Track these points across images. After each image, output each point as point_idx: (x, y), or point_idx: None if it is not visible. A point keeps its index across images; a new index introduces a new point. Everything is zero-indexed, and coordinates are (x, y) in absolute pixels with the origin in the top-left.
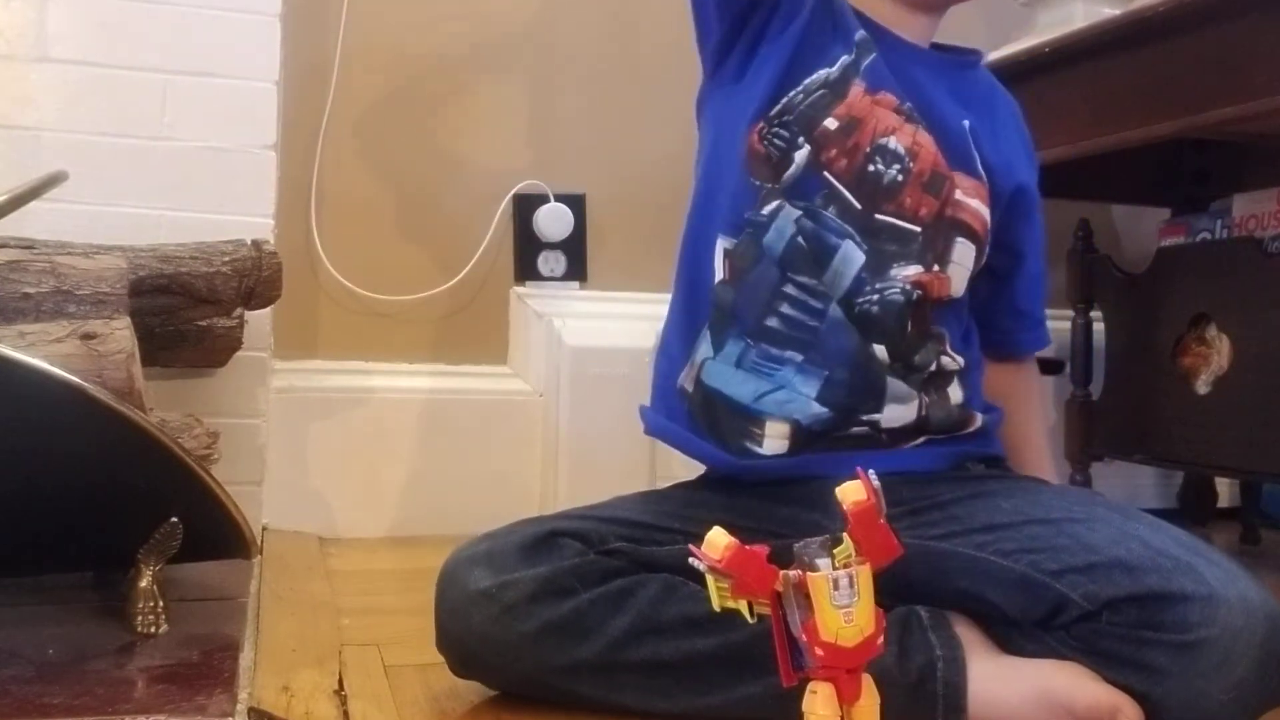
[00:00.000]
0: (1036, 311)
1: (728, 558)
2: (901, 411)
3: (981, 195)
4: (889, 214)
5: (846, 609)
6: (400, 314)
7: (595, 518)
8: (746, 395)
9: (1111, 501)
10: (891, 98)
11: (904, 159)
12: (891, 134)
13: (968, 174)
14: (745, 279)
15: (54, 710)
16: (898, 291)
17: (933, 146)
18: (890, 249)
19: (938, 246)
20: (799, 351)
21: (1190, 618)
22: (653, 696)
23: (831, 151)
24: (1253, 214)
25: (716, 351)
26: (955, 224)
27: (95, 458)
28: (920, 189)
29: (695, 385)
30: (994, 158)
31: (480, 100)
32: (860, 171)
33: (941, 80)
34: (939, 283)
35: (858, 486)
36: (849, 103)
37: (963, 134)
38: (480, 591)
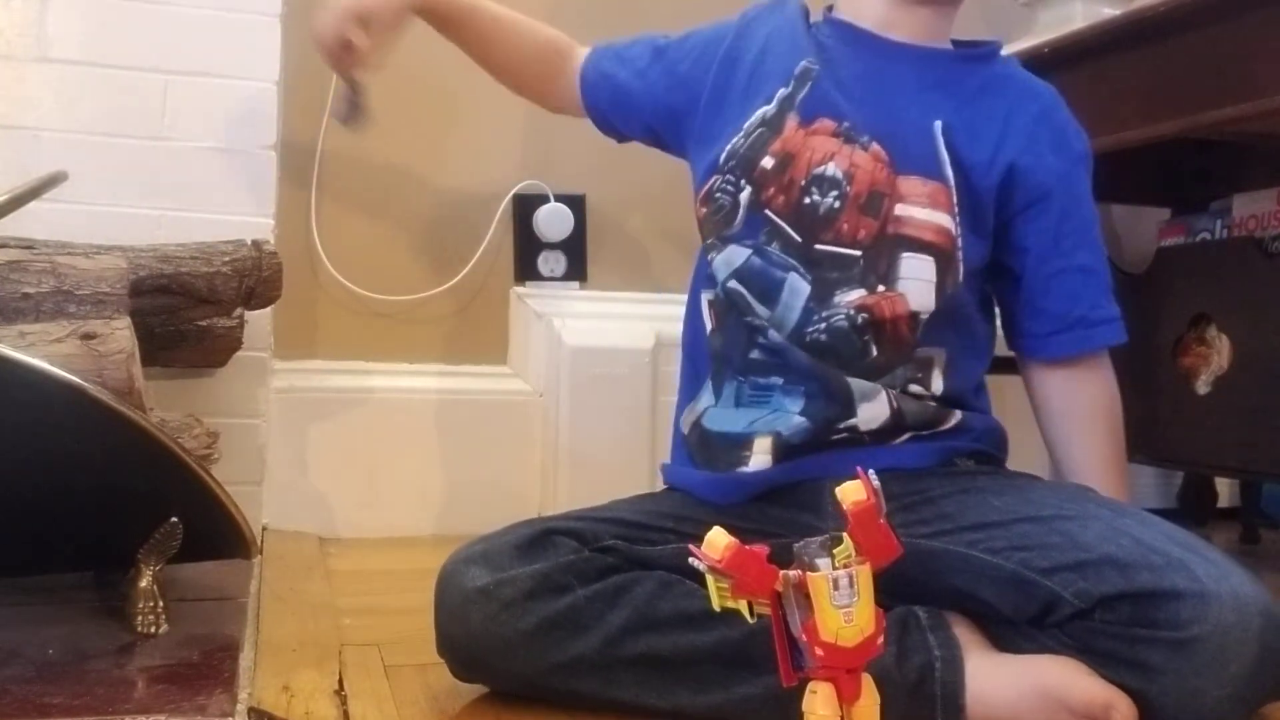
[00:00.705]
0: (1073, 310)
1: (728, 558)
2: (874, 409)
3: (940, 201)
4: (827, 242)
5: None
6: (400, 314)
7: (590, 518)
8: (740, 425)
9: (1103, 498)
10: (829, 123)
11: (841, 183)
12: (829, 160)
13: (927, 177)
14: (725, 324)
15: (54, 710)
16: (842, 318)
17: (871, 163)
18: (832, 276)
19: (880, 267)
20: (779, 375)
21: (1183, 615)
22: (650, 693)
23: (770, 190)
24: (1253, 214)
25: (718, 398)
26: (899, 240)
27: (95, 458)
28: (857, 211)
29: (693, 428)
30: (975, 155)
31: (480, 100)
32: (798, 205)
33: (922, 76)
34: (888, 303)
35: (858, 486)
36: (784, 138)
37: (926, 134)
38: (478, 590)
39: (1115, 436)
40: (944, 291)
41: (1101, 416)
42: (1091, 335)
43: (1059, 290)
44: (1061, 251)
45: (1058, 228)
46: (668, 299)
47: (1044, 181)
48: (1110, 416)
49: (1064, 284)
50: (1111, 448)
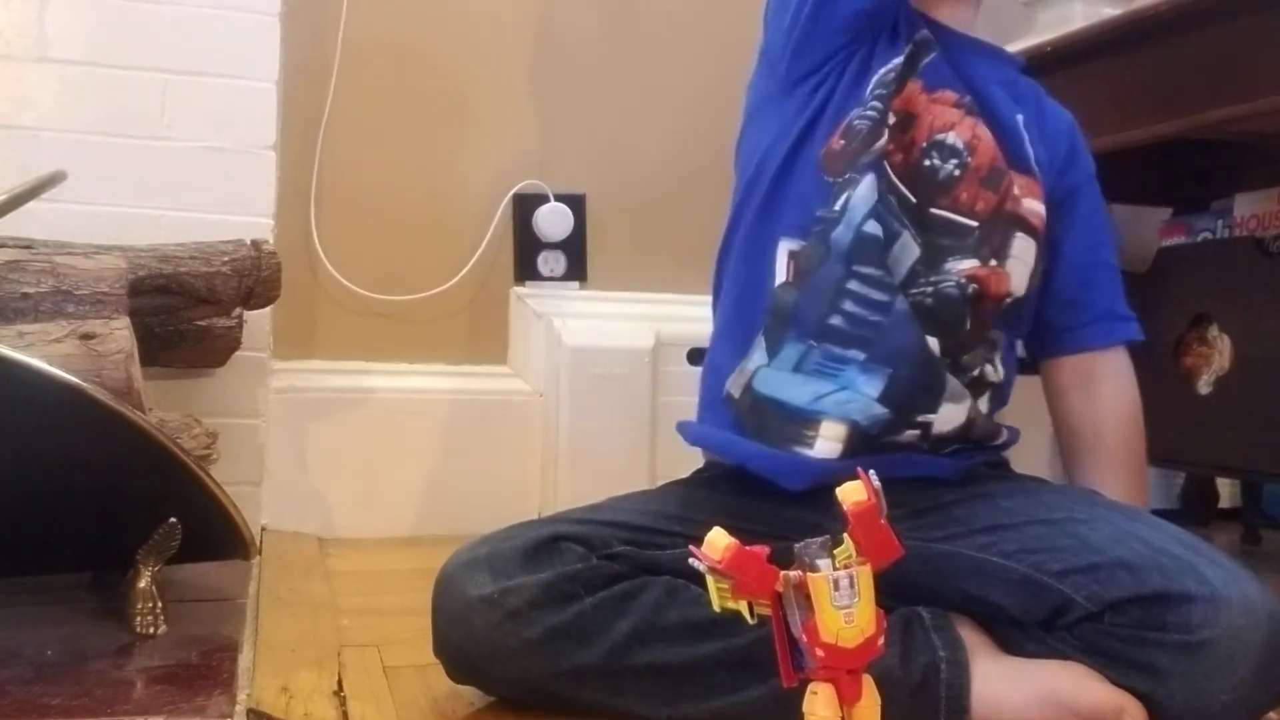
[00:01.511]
0: (1100, 302)
1: (728, 558)
2: (954, 412)
3: (1035, 192)
4: (944, 208)
5: (847, 610)
6: (400, 314)
7: (596, 521)
8: (804, 398)
9: (1111, 501)
10: (950, 94)
11: (962, 153)
12: (950, 129)
13: (1022, 171)
14: (810, 279)
15: (53, 711)
16: (953, 285)
17: (991, 141)
18: (945, 243)
19: (995, 241)
20: (861, 350)
21: (1194, 618)
22: (655, 701)
23: (890, 144)
24: (1254, 214)
25: (772, 357)
26: (1014, 219)
27: (94, 458)
28: (978, 184)
29: (744, 391)
30: (1041, 154)
31: (480, 100)
32: (916, 166)
33: (996, 74)
34: (996, 278)
35: (858, 487)
36: (906, 97)
37: (1017, 129)
38: (481, 597)
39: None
40: (1034, 277)
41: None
42: (1117, 328)
43: (1092, 282)
44: (1092, 245)
45: (1088, 223)
46: (668, 299)
47: (1077, 180)
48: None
49: (1096, 276)
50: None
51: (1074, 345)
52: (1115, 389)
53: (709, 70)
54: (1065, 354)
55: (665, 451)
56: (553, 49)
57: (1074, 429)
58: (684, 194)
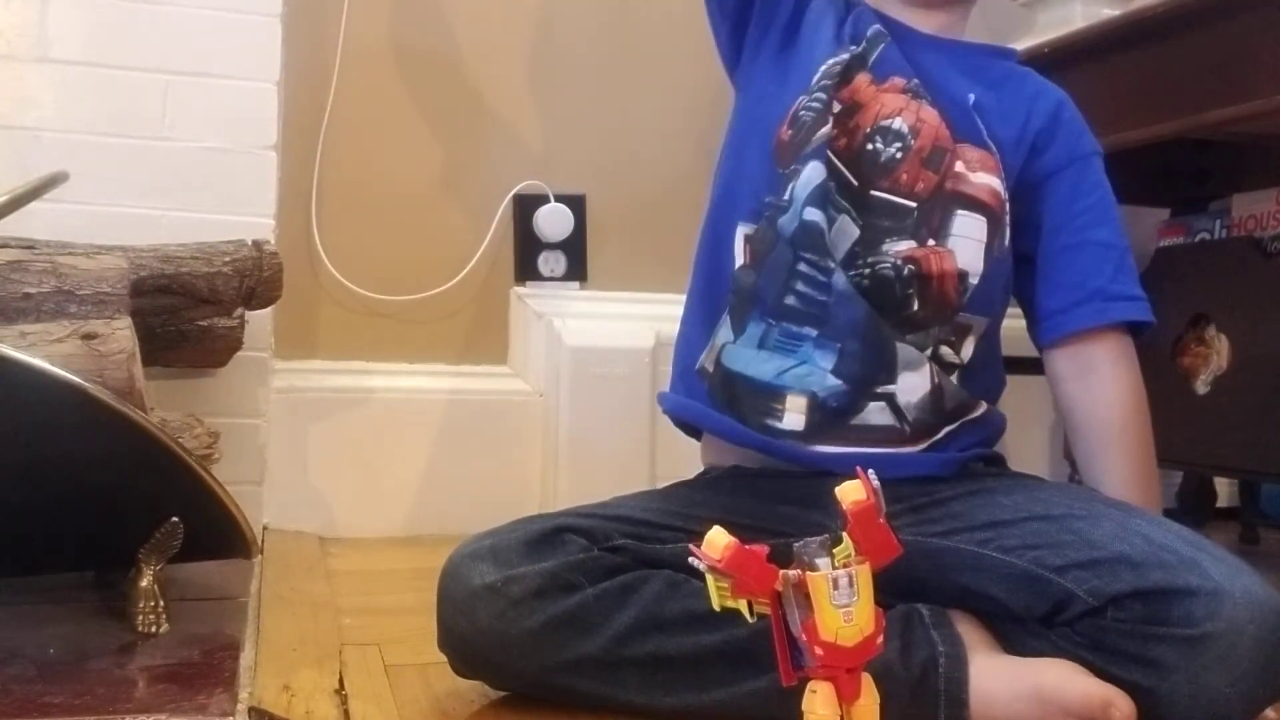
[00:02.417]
0: (1091, 282)
1: (727, 557)
2: (915, 380)
3: (989, 166)
4: (883, 190)
5: (846, 608)
6: (400, 314)
7: (599, 515)
8: (768, 373)
9: (1109, 498)
10: (899, 80)
11: (906, 136)
12: (897, 114)
13: (975, 145)
14: (764, 261)
15: (55, 709)
16: (888, 266)
17: (936, 120)
18: (884, 224)
19: (934, 221)
20: (814, 327)
21: (1196, 613)
22: (656, 692)
23: (834, 131)
24: (1252, 214)
25: (737, 335)
26: (956, 196)
27: (96, 457)
28: (919, 164)
29: (715, 366)
30: (1003, 133)
31: (480, 100)
32: (859, 150)
33: (954, 62)
34: (937, 257)
35: (857, 486)
36: (853, 89)
37: (965, 106)
38: (485, 586)
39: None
40: (991, 254)
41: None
42: (1109, 308)
43: (1074, 263)
44: (1077, 226)
45: (1070, 205)
46: (668, 299)
47: (1058, 159)
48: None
49: (1079, 257)
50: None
51: (1062, 328)
52: (1113, 374)
53: (709, 70)
54: (1058, 338)
55: (665, 451)
56: (553, 49)
57: (1073, 417)
58: (684, 194)
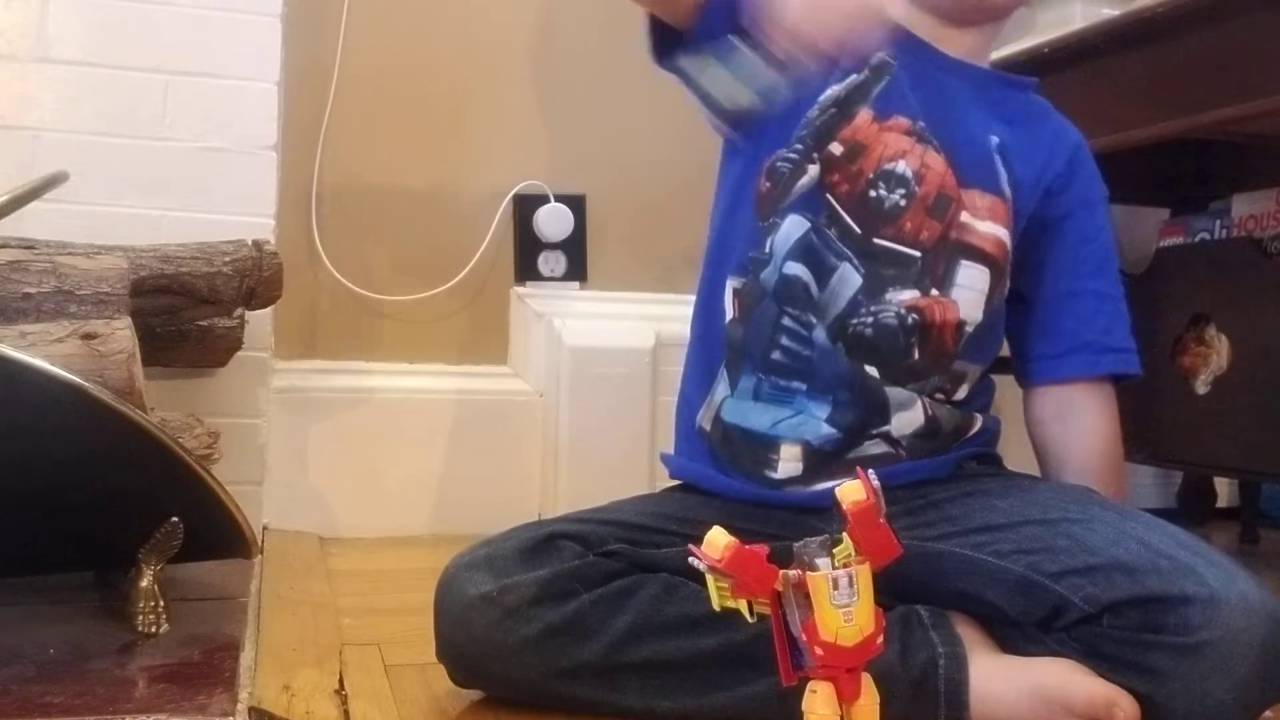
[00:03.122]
0: (1085, 333)
1: (728, 557)
2: (909, 417)
3: (999, 215)
4: (888, 238)
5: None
6: (400, 314)
7: (594, 520)
8: (764, 424)
9: (1107, 500)
10: (903, 120)
11: (910, 182)
12: (900, 158)
13: (986, 191)
14: (751, 315)
15: (55, 709)
16: (891, 315)
17: (942, 166)
18: (888, 273)
19: (938, 271)
20: (802, 380)
21: (1192, 620)
22: (655, 696)
23: (835, 175)
24: (1252, 214)
25: (733, 388)
26: (960, 247)
27: (96, 457)
28: (924, 212)
29: (714, 423)
30: (1024, 174)
31: (480, 100)
32: (861, 196)
33: (979, 95)
34: (940, 307)
35: (857, 486)
36: (855, 127)
37: (986, 149)
38: (480, 596)
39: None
40: (991, 304)
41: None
42: (1100, 360)
43: (1072, 310)
44: (1078, 274)
45: (1076, 250)
46: (668, 299)
47: (1070, 203)
48: (1115, 462)
49: (1078, 305)
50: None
51: (1051, 374)
52: (1095, 424)
53: None
54: (1040, 383)
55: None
56: (553, 49)
57: (1049, 457)
58: (684, 194)
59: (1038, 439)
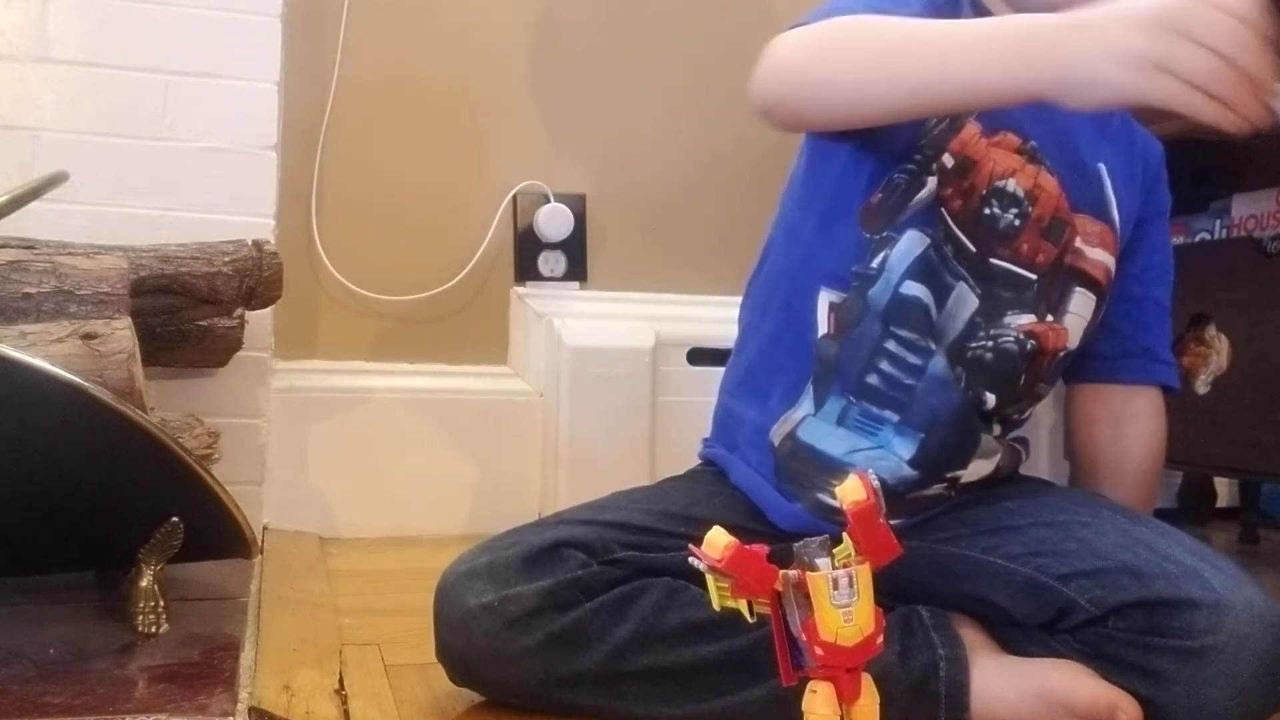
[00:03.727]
0: (1142, 338)
1: (728, 557)
2: (983, 466)
3: (1107, 242)
4: (1004, 259)
5: (846, 608)
6: (400, 314)
7: (599, 523)
8: (839, 450)
9: (1114, 504)
10: (1013, 138)
11: (1023, 203)
12: (1010, 176)
13: (1096, 217)
14: (850, 334)
15: (55, 709)
16: (1012, 340)
17: (1055, 189)
18: (1005, 295)
19: (1053, 296)
20: (895, 411)
21: (1197, 624)
22: (655, 703)
23: (948, 190)
24: (1251, 214)
25: (818, 408)
26: (1074, 272)
27: (96, 457)
28: (1038, 235)
29: (785, 438)
30: (1126, 199)
31: (480, 100)
32: (976, 214)
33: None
34: (1054, 334)
35: (857, 486)
36: (963, 140)
37: (1097, 175)
38: (481, 606)
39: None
40: (1088, 331)
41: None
42: (1154, 369)
43: (1137, 316)
44: (1145, 281)
45: (1148, 258)
46: (668, 299)
47: (1149, 211)
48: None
49: (1142, 311)
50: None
51: (1106, 375)
52: (1145, 431)
53: (710, 71)
54: (1096, 382)
55: (665, 451)
56: (554, 49)
57: (1096, 459)
58: (684, 194)
59: (1086, 439)
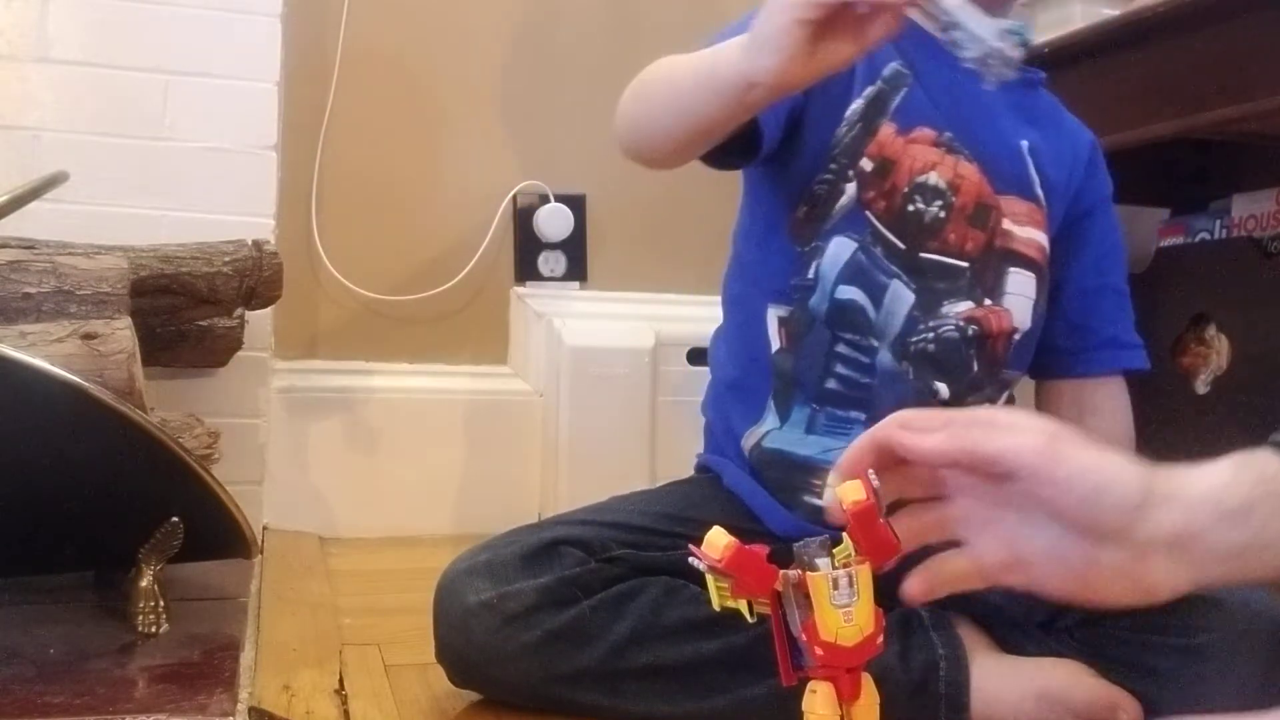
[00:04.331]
0: (1105, 329)
1: (728, 558)
2: None
3: (1036, 220)
4: (934, 251)
5: (846, 608)
6: (400, 314)
7: (597, 523)
8: (813, 450)
9: None
10: (929, 132)
11: (946, 194)
12: (931, 169)
13: (1022, 197)
14: (801, 345)
15: (55, 710)
16: (952, 328)
17: (976, 175)
18: (940, 286)
19: (988, 280)
20: (861, 410)
21: (1194, 621)
22: (655, 701)
23: (870, 193)
24: (1252, 214)
25: (784, 421)
26: (1006, 254)
27: (96, 457)
28: (965, 223)
29: (755, 448)
30: (1056, 176)
31: (480, 100)
32: (900, 211)
33: (1008, 94)
34: (996, 317)
35: (857, 486)
36: (880, 142)
37: (1018, 155)
38: (481, 603)
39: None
40: (1037, 310)
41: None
42: (1120, 356)
43: (1097, 307)
44: (1100, 270)
45: (1097, 247)
46: (668, 299)
47: (1091, 200)
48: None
49: (1102, 302)
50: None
51: (1075, 370)
52: (1113, 419)
53: None
54: (1065, 378)
55: (665, 451)
56: (553, 48)
57: None
58: (684, 194)
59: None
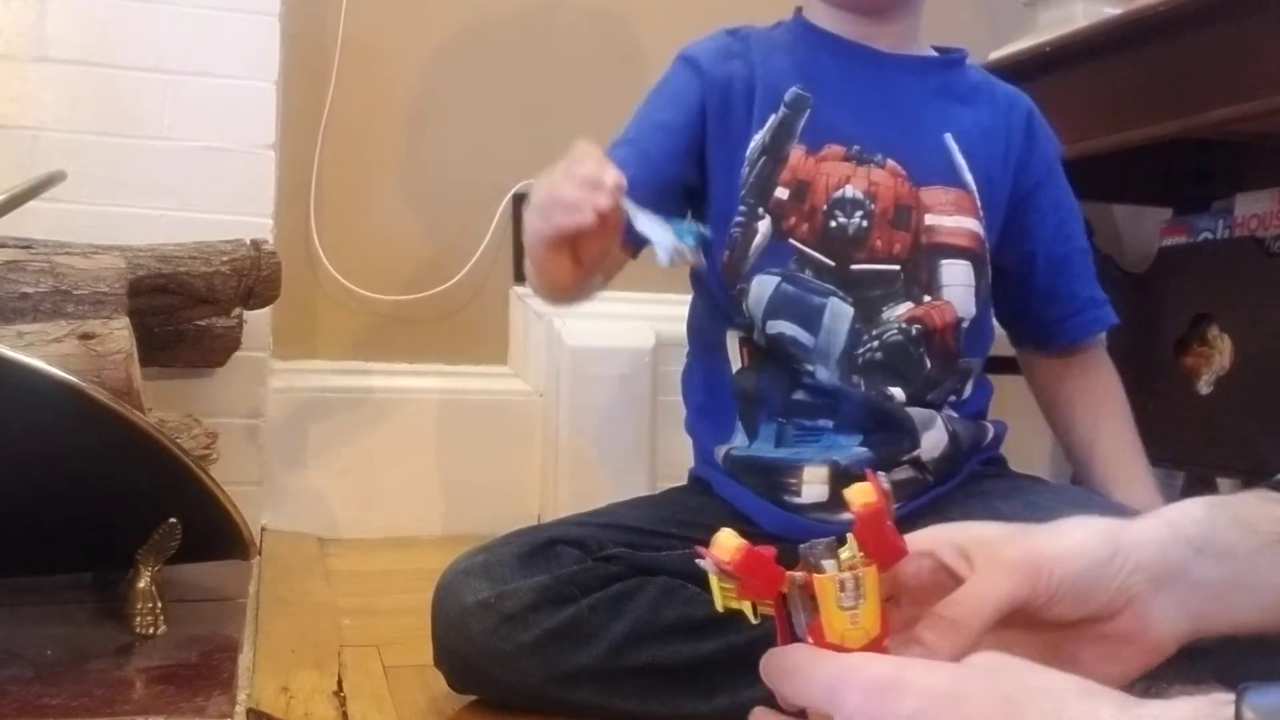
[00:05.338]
0: (1082, 292)
1: (738, 560)
2: (935, 437)
3: (965, 207)
4: (863, 261)
5: (853, 611)
6: (400, 314)
7: (592, 524)
8: (785, 454)
9: (1108, 502)
10: (838, 148)
11: (864, 203)
12: (846, 183)
13: (948, 185)
14: (764, 366)
15: (53, 711)
16: (895, 332)
17: (890, 179)
18: (875, 294)
19: (922, 277)
20: (829, 418)
21: None
22: (654, 700)
23: (791, 219)
24: (1254, 214)
25: (752, 439)
26: (934, 249)
27: (94, 458)
28: (888, 226)
29: (726, 458)
30: (991, 155)
31: (480, 100)
32: (823, 230)
33: (924, 83)
34: (938, 311)
35: (866, 488)
36: (791, 167)
37: (940, 145)
38: (479, 603)
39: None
40: (980, 295)
41: (1115, 397)
42: (1101, 316)
43: (1069, 273)
44: (1064, 237)
45: (1056, 213)
46: (668, 299)
47: (1038, 171)
48: (1122, 399)
49: (1071, 265)
50: (1129, 429)
51: (1066, 337)
52: (1106, 372)
53: None
54: (1054, 346)
55: (665, 451)
56: (553, 48)
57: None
58: None
59: (1062, 395)
